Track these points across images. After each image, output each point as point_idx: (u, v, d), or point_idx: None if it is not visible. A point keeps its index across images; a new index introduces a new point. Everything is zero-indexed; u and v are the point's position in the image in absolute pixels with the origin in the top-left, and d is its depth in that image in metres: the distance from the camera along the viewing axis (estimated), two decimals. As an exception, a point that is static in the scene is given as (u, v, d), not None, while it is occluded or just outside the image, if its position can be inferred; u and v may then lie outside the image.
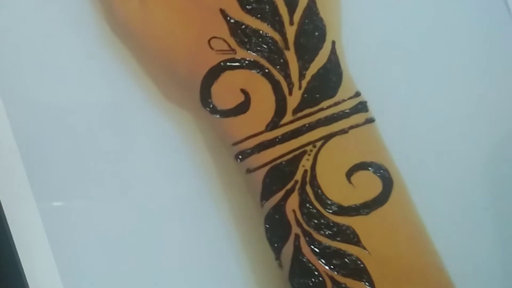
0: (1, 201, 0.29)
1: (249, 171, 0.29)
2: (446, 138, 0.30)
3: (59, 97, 0.31)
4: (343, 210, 0.29)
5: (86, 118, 0.31)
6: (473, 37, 0.30)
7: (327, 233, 0.29)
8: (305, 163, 0.29)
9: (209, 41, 0.29)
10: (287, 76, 0.29)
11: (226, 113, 0.29)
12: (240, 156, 0.29)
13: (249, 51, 0.29)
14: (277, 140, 0.29)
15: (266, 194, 0.29)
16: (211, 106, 0.29)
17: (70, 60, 0.30)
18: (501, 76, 0.30)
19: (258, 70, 0.29)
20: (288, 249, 0.29)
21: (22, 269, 0.28)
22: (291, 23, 0.29)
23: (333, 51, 0.29)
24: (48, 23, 0.30)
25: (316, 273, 0.29)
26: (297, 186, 0.29)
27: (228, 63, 0.29)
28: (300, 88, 0.29)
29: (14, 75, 0.30)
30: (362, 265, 0.29)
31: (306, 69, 0.29)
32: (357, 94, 0.29)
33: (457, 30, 0.30)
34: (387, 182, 0.29)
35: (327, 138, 0.29)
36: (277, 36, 0.29)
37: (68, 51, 0.30)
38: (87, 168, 0.30)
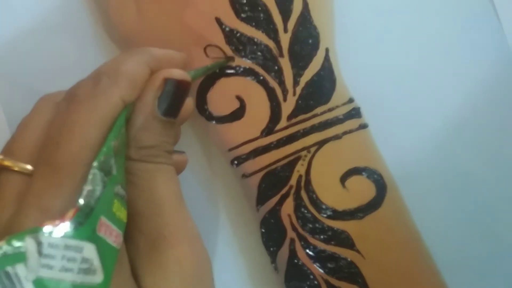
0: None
1: (244, 176, 0.30)
2: (439, 143, 0.30)
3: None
4: (337, 215, 0.29)
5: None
6: (463, 43, 0.30)
7: (322, 237, 0.29)
8: (300, 168, 0.29)
9: (204, 48, 0.29)
10: (281, 83, 0.29)
11: (221, 120, 0.29)
12: (235, 162, 0.30)
13: (244, 59, 0.29)
14: (272, 145, 0.29)
15: (261, 198, 0.30)
16: (206, 112, 0.29)
17: (67, 66, 0.30)
18: (493, 80, 0.30)
19: (253, 77, 0.29)
20: (283, 253, 0.29)
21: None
22: (285, 30, 0.29)
23: (326, 58, 0.29)
24: (46, 30, 0.30)
25: (311, 276, 0.29)
26: (292, 191, 0.29)
27: (223, 70, 0.29)
28: (294, 94, 0.29)
29: (12, 82, 0.30)
30: (356, 269, 0.29)
31: (300, 76, 0.29)
32: (351, 100, 0.30)
33: (448, 36, 0.30)
34: (381, 186, 0.29)
35: (321, 143, 0.29)
36: (271, 44, 0.29)
37: (65, 58, 0.31)
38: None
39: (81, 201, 0.19)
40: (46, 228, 0.18)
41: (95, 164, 0.20)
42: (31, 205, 0.21)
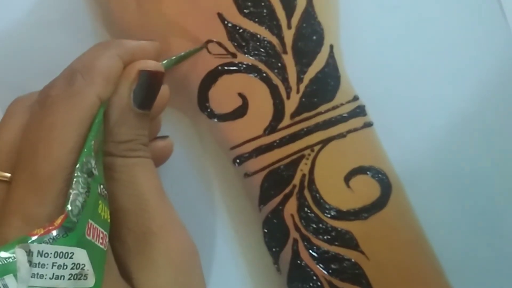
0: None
1: (247, 175, 0.29)
2: (445, 142, 0.30)
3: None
4: (341, 215, 0.29)
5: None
6: (470, 41, 0.30)
7: (325, 237, 0.29)
8: (303, 167, 0.29)
9: (206, 45, 0.29)
10: (285, 80, 0.29)
11: (223, 117, 0.29)
12: (238, 160, 0.29)
13: (246, 55, 0.29)
14: (275, 144, 0.29)
15: (264, 198, 0.29)
16: (208, 110, 0.29)
17: (68, 62, 0.30)
18: (499, 78, 0.30)
19: (256, 74, 0.29)
20: (286, 254, 0.29)
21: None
22: (289, 27, 0.29)
23: (331, 55, 0.29)
24: (45, 25, 0.30)
25: (314, 277, 0.29)
26: (295, 191, 0.29)
27: (225, 67, 0.29)
28: (298, 92, 0.29)
29: (10, 79, 0.30)
30: (360, 270, 0.29)
31: (304, 73, 0.29)
32: (355, 98, 0.29)
33: (454, 34, 0.30)
34: (386, 186, 0.29)
35: (325, 142, 0.29)
36: (274, 40, 0.29)
37: (65, 53, 0.30)
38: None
39: (69, 207, 0.19)
40: (35, 237, 0.18)
41: (78, 166, 0.20)
42: (13, 214, 0.20)
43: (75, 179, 0.20)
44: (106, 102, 0.23)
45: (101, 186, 0.21)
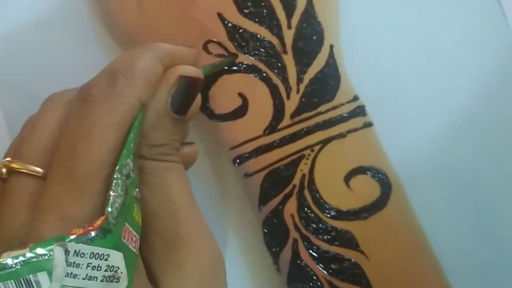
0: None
1: (247, 175, 0.29)
2: (445, 142, 0.30)
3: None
4: (341, 215, 0.29)
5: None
6: (469, 41, 0.30)
7: (325, 237, 0.29)
8: (303, 167, 0.29)
9: (205, 44, 0.29)
10: (285, 80, 0.29)
11: (223, 118, 0.29)
12: (238, 161, 0.29)
13: (246, 55, 0.29)
14: (275, 144, 0.29)
15: (264, 198, 0.29)
16: (209, 110, 0.29)
17: (68, 62, 0.30)
18: (499, 79, 0.30)
19: (256, 74, 0.29)
20: (286, 254, 0.29)
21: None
22: (289, 27, 0.29)
23: (331, 55, 0.29)
24: (46, 25, 0.30)
25: (314, 277, 0.29)
26: (295, 191, 0.29)
27: (225, 67, 0.29)
28: (298, 92, 0.29)
29: (10, 82, 0.30)
30: (360, 270, 0.29)
31: (304, 73, 0.29)
32: (355, 98, 0.29)
33: (454, 34, 0.30)
34: (386, 186, 0.29)
35: (325, 142, 0.29)
36: (274, 40, 0.29)
37: (65, 54, 0.30)
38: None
39: (109, 209, 0.19)
40: (73, 236, 0.18)
41: (117, 168, 0.20)
42: (49, 211, 0.20)
43: (114, 181, 0.19)
44: (144, 105, 0.22)
45: (137, 190, 0.21)
